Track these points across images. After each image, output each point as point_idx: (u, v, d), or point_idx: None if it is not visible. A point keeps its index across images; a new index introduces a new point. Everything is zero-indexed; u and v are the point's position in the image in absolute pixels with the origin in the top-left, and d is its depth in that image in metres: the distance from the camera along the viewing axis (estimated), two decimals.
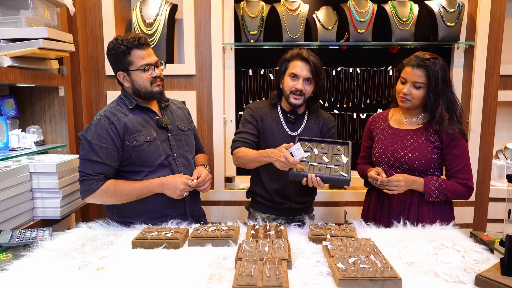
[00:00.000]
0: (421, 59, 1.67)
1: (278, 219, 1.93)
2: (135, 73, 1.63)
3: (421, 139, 1.74)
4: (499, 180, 2.68)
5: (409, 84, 1.70)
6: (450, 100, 1.69)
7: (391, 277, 1.11)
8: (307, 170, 1.65)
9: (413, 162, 1.72)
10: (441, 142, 1.72)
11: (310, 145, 1.76)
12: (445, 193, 1.70)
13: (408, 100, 1.72)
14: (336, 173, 1.63)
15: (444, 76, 1.66)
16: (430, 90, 1.67)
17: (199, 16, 2.51)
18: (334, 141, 1.80)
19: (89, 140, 1.58)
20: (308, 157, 1.71)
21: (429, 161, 1.72)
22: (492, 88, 2.49)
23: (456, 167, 1.72)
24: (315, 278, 1.16)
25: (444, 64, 1.68)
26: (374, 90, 2.69)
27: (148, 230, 1.50)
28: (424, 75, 1.66)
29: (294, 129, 1.89)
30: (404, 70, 1.72)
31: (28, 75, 1.90)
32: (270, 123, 1.89)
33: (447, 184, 1.70)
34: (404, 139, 1.77)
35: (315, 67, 1.77)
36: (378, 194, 1.86)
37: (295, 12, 2.46)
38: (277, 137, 1.87)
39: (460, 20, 2.41)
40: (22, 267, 1.25)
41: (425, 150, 1.72)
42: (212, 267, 1.24)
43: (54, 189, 1.91)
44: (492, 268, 1.18)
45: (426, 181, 1.71)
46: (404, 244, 1.42)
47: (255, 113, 1.91)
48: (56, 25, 2.09)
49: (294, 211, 1.93)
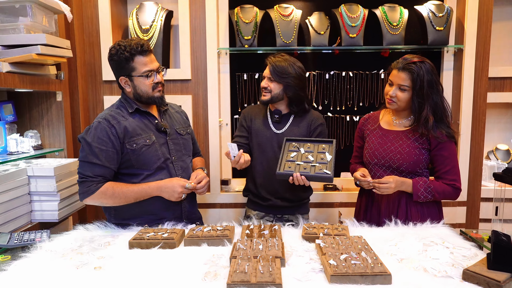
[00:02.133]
0: (407, 62, 1.69)
1: (267, 217, 2.02)
2: (137, 79, 1.66)
3: (409, 141, 1.77)
4: (490, 180, 2.73)
5: (395, 86, 1.73)
6: (436, 103, 1.70)
7: (381, 273, 1.14)
8: (293, 169, 1.76)
9: (401, 163, 1.76)
10: (429, 144, 1.76)
11: (297, 145, 1.88)
12: (433, 194, 1.73)
13: (394, 102, 1.75)
14: (320, 171, 1.74)
15: (430, 79, 1.67)
16: (415, 93, 1.69)
17: (194, 22, 2.56)
18: (319, 140, 1.90)
19: (89, 142, 1.61)
20: (295, 156, 1.82)
21: (418, 162, 1.76)
22: (481, 90, 2.54)
23: (444, 168, 1.75)
24: (308, 274, 1.19)
25: (432, 67, 1.70)
26: (366, 93, 2.74)
27: (145, 231, 1.53)
28: (408, 78, 1.69)
29: (279, 127, 2.01)
30: (392, 72, 1.76)
31: (27, 80, 1.93)
32: (258, 123, 2.05)
33: (435, 185, 1.74)
34: (393, 140, 1.80)
35: (274, 68, 1.91)
36: (368, 195, 1.90)
37: (288, 17, 2.52)
38: (263, 134, 2.01)
39: (448, 24, 2.47)
40: (20, 268, 1.28)
41: (414, 151, 1.75)
42: (208, 265, 1.27)
43: (52, 192, 1.94)
44: (479, 263, 1.21)
45: (415, 182, 1.74)
46: (395, 241, 1.45)
47: (246, 116, 2.10)
48: (54, 31, 2.13)
49: (282, 208, 2.01)
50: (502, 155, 2.82)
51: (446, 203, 2.55)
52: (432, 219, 1.73)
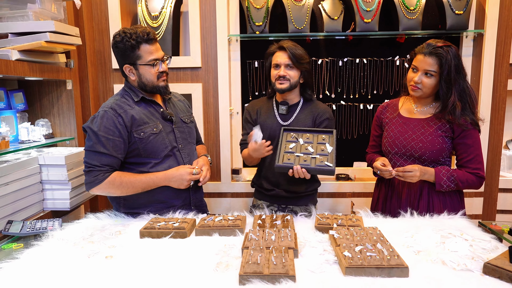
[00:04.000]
0: (434, 47, 1.64)
1: (271, 206, 2.00)
2: (142, 67, 1.64)
3: (432, 129, 1.72)
4: (508, 170, 2.65)
5: (420, 72, 1.67)
6: (463, 89, 1.65)
7: (398, 265, 1.11)
8: (293, 161, 1.66)
9: (424, 152, 1.71)
10: (453, 132, 1.70)
11: (296, 135, 1.78)
12: (456, 183, 1.68)
13: (419, 89, 1.69)
14: (321, 163, 1.64)
15: (457, 64, 1.63)
16: (442, 79, 1.64)
17: (204, 8, 2.50)
18: (319, 130, 1.81)
19: (96, 131, 1.59)
20: (294, 147, 1.73)
21: (440, 151, 1.70)
22: (501, 77, 2.44)
23: (467, 157, 1.70)
24: (322, 266, 1.17)
25: (457, 52, 1.65)
26: (381, 80, 2.66)
27: (156, 220, 1.52)
28: (436, 63, 1.63)
29: (285, 119, 1.96)
30: (416, 58, 1.69)
31: (36, 68, 1.92)
32: (264, 115, 2.00)
33: (458, 174, 1.69)
34: (414, 129, 1.75)
35: (293, 54, 1.84)
36: (388, 185, 1.85)
37: (301, 2, 2.44)
38: (270, 127, 1.96)
39: (468, 8, 2.37)
40: (33, 256, 1.28)
41: (436, 139, 1.70)
42: (219, 256, 1.25)
43: (63, 181, 1.94)
44: (500, 256, 1.17)
45: (437, 171, 1.69)
46: (411, 233, 1.41)
47: (251, 110, 2.04)
48: (63, 18, 2.10)
49: (285, 199, 1.98)
50: None
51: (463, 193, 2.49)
52: (453, 209, 1.69)
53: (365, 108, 2.70)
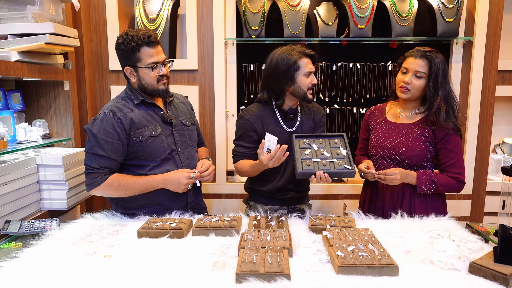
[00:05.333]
0: (423, 51, 1.73)
1: (281, 210, 1.94)
2: (142, 70, 1.65)
3: (415, 134, 1.77)
4: (496, 174, 2.72)
5: (410, 73, 1.74)
6: (448, 93, 1.72)
7: (388, 264, 1.15)
8: (313, 167, 1.65)
9: (406, 156, 1.76)
10: (435, 137, 1.76)
11: (308, 141, 1.77)
12: (437, 186, 1.74)
13: (408, 90, 1.75)
14: (340, 166, 1.65)
15: (444, 69, 1.71)
16: (431, 81, 1.71)
17: (202, 11, 2.54)
18: (329, 134, 1.82)
19: (95, 134, 1.61)
20: (310, 153, 1.71)
21: (423, 155, 1.76)
22: (490, 83, 2.52)
23: (449, 161, 1.76)
24: (315, 265, 1.21)
25: (444, 58, 1.73)
26: (374, 85, 2.72)
27: (153, 221, 1.55)
28: (426, 65, 1.71)
29: (291, 126, 1.90)
30: (406, 60, 1.76)
31: (35, 69, 1.94)
32: (271, 126, 1.87)
33: (439, 178, 1.74)
34: (399, 133, 1.81)
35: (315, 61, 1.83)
36: (372, 187, 1.91)
37: (296, 7, 2.49)
38: (280, 137, 1.81)
39: (459, 16, 2.44)
40: (32, 255, 1.30)
41: (419, 144, 1.75)
42: (216, 255, 1.29)
43: (60, 181, 1.96)
44: (486, 256, 1.22)
45: (419, 174, 1.75)
46: (402, 234, 1.46)
47: (255, 122, 1.85)
48: (62, 20, 2.12)
49: (296, 200, 1.97)
50: (508, 149, 2.81)
51: (451, 196, 2.56)
52: (435, 211, 1.75)
53: (358, 112, 2.75)
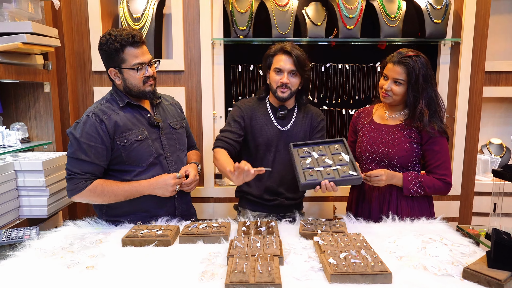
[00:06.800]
0: (403, 56, 1.69)
1: (269, 216, 1.89)
2: (127, 71, 1.59)
3: (401, 135, 1.76)
4: (483, 174, 2.74)
5: (390, 80, 1.72)
6: (431, 97, 1.70)
7: (382, 271, 1.12)
8: (317, 176, 1.56)
9: (393, 157, 1.75)
10: (421, 138, 1.75)
11: (307, 149, 1.70)
12: (423, 188, 1.73)
13: (389, 96, 1.74)
14: (344, 173, 1.57)
15: (425, 73, 1.68)
16: (410, 88, 1.69)
17: (188, 11, 2.48)
18: (327, 140, 1.75)
19: (78, 138, 1.54)
20: (311, 162, 1.62)
21: (409, 157, 1.75)
22: (477, 84, 2.53)
23: (435, 163, 1.75)
24: (307, 273, 1.17)
25: (426, 61, 1.70)
26: (362, 86, 2.71)
27: (138, 228, 1.49)
28: (404, 72, 1.68)
29: (284, 124, 1.87)
30: (387, 66, 1.75)
31: (12, 70, 1.85)
32: (260, 121, 1.86)
33: (425, 180, 1.73)
34: (385, 135, 1.80)
35: (298, 60, 1.75)
36: (359, 188, 1.90)
37: (284, 8, 2.46)
38: (267, 134, 1.85)
39: (446, 17, 2.44)
40: (9, 268, 1.23)
41: (405, 145, 1.75)
42: (204, 264, 1.24)
43: (40, 187, 1.88)
44: (479, 261, 1.20)
45: (405, 176, 1.74)
46: (394, 238, 1.44)
47: (245, 112, 1.87)
48: (41, 19, 2.04)
49: (286, 207, 1.93)
50: (495, 149, 2.83)
51: (439, 197, 2.56)
52: (422, 213, 1.74)
53: (347, 113, 2.74)
